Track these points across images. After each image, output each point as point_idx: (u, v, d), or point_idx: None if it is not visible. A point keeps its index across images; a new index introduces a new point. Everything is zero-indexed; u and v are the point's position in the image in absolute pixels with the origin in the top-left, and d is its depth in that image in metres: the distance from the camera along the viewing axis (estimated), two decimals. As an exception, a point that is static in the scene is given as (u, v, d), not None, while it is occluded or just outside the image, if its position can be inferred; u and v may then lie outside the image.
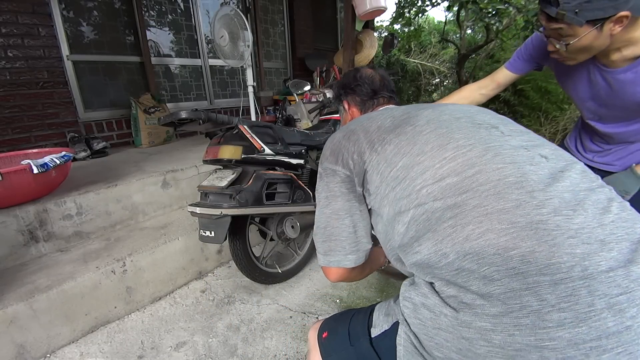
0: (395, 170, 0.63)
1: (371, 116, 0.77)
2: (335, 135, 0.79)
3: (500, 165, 0.54)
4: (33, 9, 2.37)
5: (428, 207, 0.56)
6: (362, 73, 0.97)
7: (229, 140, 1.47)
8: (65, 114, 2.62)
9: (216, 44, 2.53)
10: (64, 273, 1.45)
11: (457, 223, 0.52)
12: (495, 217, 0.49)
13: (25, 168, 1.48)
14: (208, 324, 1.52)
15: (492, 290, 0.46)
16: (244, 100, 3.24)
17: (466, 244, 0.50)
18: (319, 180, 0.78)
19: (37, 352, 1.33)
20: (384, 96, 0.94)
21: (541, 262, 0.45)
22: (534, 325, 0.43)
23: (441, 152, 0.59)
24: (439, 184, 0.56)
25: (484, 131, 0.62)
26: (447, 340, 0.50)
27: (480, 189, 0.52)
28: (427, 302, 0.53)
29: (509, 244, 0.47)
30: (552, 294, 0.43)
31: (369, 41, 4.01)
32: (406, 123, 0.68)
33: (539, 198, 0.49)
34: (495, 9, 4.94)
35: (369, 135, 0.70)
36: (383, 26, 9.33)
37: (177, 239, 1.76)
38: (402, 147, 0.64)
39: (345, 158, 0.72)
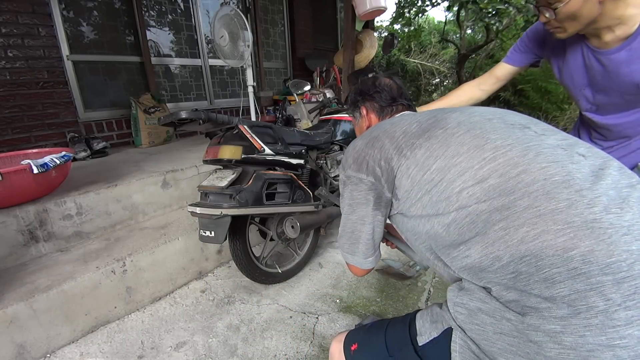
0: (429, 173, 0.62)
1: (393, 122, 0.77)
2: (356, 142, 0.79)
3: (545, 164, 0.54)
4: (33, 9, 2.37)
5: (472, 210, 0.55)
6: (381, 81, 0.99)
7: (229, 140, 1.47)
8: (65, 114, 2.62)
9: (216, 44, 2.53)
10: (64, 273, 1.45)
11: (508, 225, 0.51)
12: (549, 218, 0.49)
13: (25, 168, 1.48)
14: (208, 324, 1.52)
15: (555, 292, 0.46)
16: (244, 100, 3.24)
17: (522, 247, 0.49)
18: (342, 187, 0.80)
19: (37, 352, 1.33)
20: (402, 104, 0.95)
21: (602, 261, 0.45)
22: (603, 324, 0.43)
23: (479, 153, 0.59)
24: (480, 185, 0.56)
25: (518, 131, 0.62)
26: (512, 345, 0.49)
27: (528, 190, 0.52)
28: (485, 307, 0.53)
29: (567, 244, 0.46)
30: (616, 293, 0.43)
31: (369, 41, 4.01)
32: (435, 127, 0.68)
33: (589, 197, 0.49)
34: (495, 9, 4.94)
35: (395, 141, 0.70)
36: (383, 26, 9.33)
37: (177, 239, 1.76)
38: (435, 150, 0.63)
39: (371, 166, 0.72)
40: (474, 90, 1.27)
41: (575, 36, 0.95)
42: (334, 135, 2.01)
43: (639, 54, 0.84)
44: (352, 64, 3.34)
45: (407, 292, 1.70)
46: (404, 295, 1.67)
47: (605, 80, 0.93)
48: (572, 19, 0.85)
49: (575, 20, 0.85)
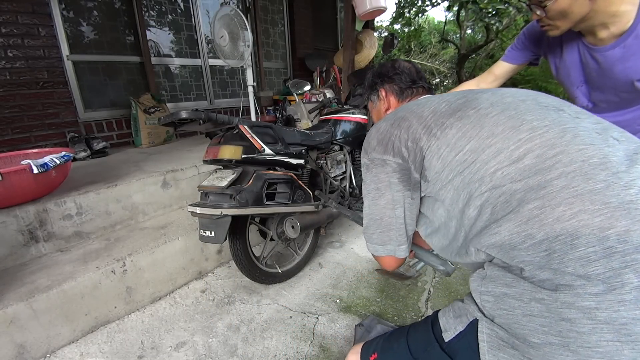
0: (462, 154, 0.61)
1: (419, 103, 0.75)
2: (379, 124, 0.77)
3: (582, 146, 0.54)
4: (33, 9, 2.37)
5: (506, 189, 0.55)
6: (400, 64, 0.97)
7: (229, 140, 1.47)
8: (65, 114, 2.62)
9: (216, 44, 2.53)
10: (64, 273, 1.45)
11: (545, 204, 0.51)
12: (587, 198, 0.49)
13: (25, 168, 1.48)
14: (208, 324, 1.52)
15: (590, 270, 0.47)
16: (244, 100, 3.24)
17: (557, 225, 0.49)
18: (365, 172, 0.77)
19: (37, 352, 1.33)
20: (423, 86, 0.94)
21: (637, 241, 0.46)
22: (638, 299, 0.44)
23: (515, 134, 0.58)
24: (515, 165, 0.56)
25: (553, 113, 0.61)
26: (544, 325, 0.50)
27: (565, 170, 0.52)
28: (512, 292, 0.53)
29: (604, 224, 0.47)
30: None
31: (369, 41, 4.01)
32: (466, 107, 0.66)
33: (625, 179, 0.50)
34: (495, 9, 4.95)
35: (423, 120, 0.69)
36: (383, 26, 9.33)
37: (177, 239, 1.76)
38: (468, 130, 0.62)
39: (397, 146, 0.70)
40: (470, 87, 1.28)
41: (571, 33, 0.95)
42: (334, 135, 2.01)
43: (633, 50, 0.84)
44: (352, 64, 3.34)
45: (407, 292, 1.70)
46: (404, 295, 1.67)
47: (600, 77, 0.94)
48: (563, 16, 0.85)
49: (565, 17, 0.85)
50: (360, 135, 2.10)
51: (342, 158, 2.10)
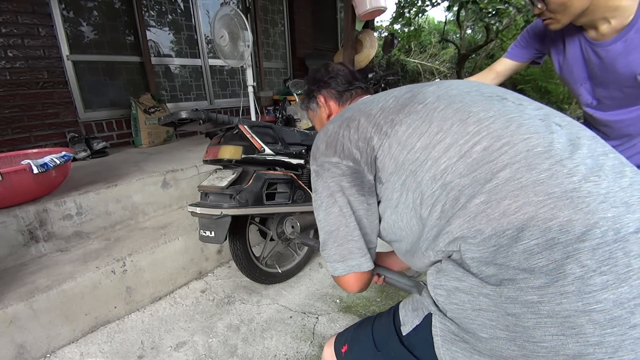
0: (413, 152, 0.60)
1: (366, 101, 0.73)
2: (327, 127, 0.73)
3: (527, 135, 0.54)
4: (33, 9, 2.37)
5: (455, 185, 0.54)
6: (333, 67, 0.95)
7: (229, 140, 1.47)
8: (65, 114, 2.62)
9: (216, 44, 2.53)
10: (64, 273, 1.45)
11: (490, 199, 0.50)
12: (530, 190, 0.49)
13: (25, 168, 1.48)
14: (208, 324, 1.52)
15: (534, 263, 0.46)
16: (244, 100, 3.24)
17: (503, 220, 0.49)
18: (315, 179, 0.71)
19: (37, 352, 1.33)
20: (360, 87, 0.92)
21: (578, 230, 0.46)
22: (580, 291, 0.44)
23: (463, 127, 0.57)
24: (464, 159, 0.55)
25: (497, 103, 0.61)
26: (491, 320, 0.50)
27: (511, 162, 0.52)
28: (462, 286, 0.52)
29: (547, 215, 0.47)
30: (591, 259, 0.44)
31: (369, 41, 4.01)
32: (413, 101, 0.64)
33: (568, 166, 0.50)
34: (495, 9, 4.95)
35: (372, 118, 0.66)
36: (383, 26, 9.33)
37: (177, 239, 1.76)
38: (417, 126, 0.61)
39: (347, 148, 0.66)
40: None
41: (573, 30, 0.95)
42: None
43: (635, 44, 0.84)
44: (352, 64, 3.34)
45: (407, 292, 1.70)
46: (404, 295, 1.67)
47: (603, 72, 0.93)
48: (563, 9, 0.85)
49: (566, 10, 0.85)
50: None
51: None
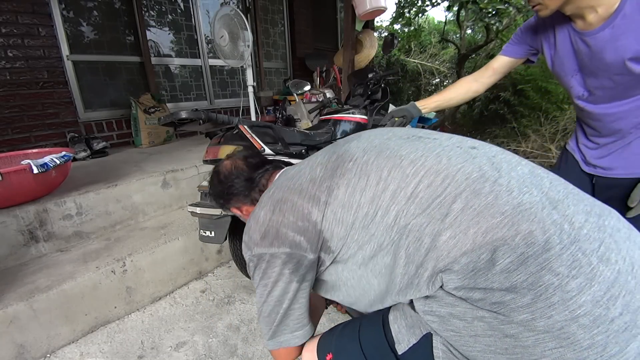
0: (360, 209, 0.59)
1: (291, 177, 0.70)
2: (257, 213, 0.69)
3: (459, 165, 0.56)
4: (33, 9, 2.37)
5: (412, 226, 0.55)
6: (221, 174, 0.86)
7: (229, 140, 1.47)
8: (65, 114, 2.62)
9: (216, 44, 2.53)
10: (64, 273, 1.45)
11: (456, 233, 0.51)
12: (487, 213, 0.51)
13: (25, 168, 1.48)
14: (208, 324, 1.52)
15: (514, 281, 0.48)
16: (244, 100, 3.23)
17: (475, 248, 0.50)
18: (252, 268, 0.68)
19: (37, 352, 1.33)
20: (265, 172, 0.85)
21: (540, 240, 0.47)
22: (562, 299, 0.46)
23: (400, 172, 0.58)
24: (412, 200, 0.55)
25: (418, 142, 0.63)
26: (490, 345, 0.50)
27: (457, 192, 0.53)
28: (456, 311, 0.52)
29: (510, 233, 0.49)
30: (561, 265, 0.46)
31: (369, 41, 4.01)
32: (342, 162, 0.64)
33: (504, 184, 0.53)
34: (495, 9, 4.94)
35: (305, 193, 0.64)
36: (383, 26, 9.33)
37: (177, 239, 1.76)
38: (356, 184, 0.60)
39: (283, 233, 0.63)
40: (470, 83, 1.29)
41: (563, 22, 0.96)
42: (334, 135, 2.00)
43: (622, 30, 0.85)
44: (352, 64, 3.34)
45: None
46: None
47: (592, 61, 0.94)
48: None
49: None
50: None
51: None
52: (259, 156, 0.88)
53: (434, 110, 1.37)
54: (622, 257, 0.48)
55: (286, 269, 0.65)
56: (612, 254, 0.48)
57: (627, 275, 0.47)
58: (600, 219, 0.51)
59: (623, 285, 0.46)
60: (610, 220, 0.52)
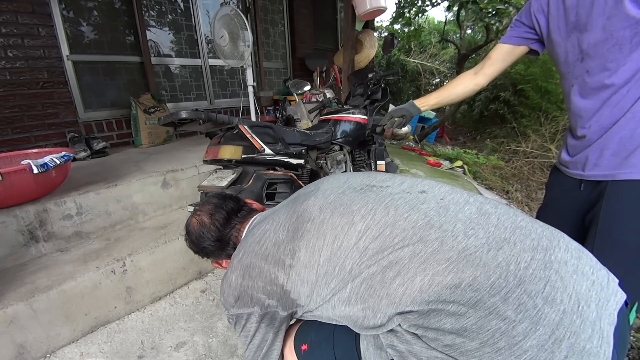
0: (320, 267, 0.63)
1: (257, 239, 0.73)
2: (229, 278, 0.74)
3: (406, 214, 0.60)
4: (33, 9, 2.37)
5: (364, 276, 0.58)
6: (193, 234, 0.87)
7: (229, 140, 1.47)
8: (65, 114, 2.62)
9: (216, 44, 2.53)
10: (64, 273, 1.45)
11: (405, 280, 0.54)
12: (432, 260, 0.53)
13: (25, 168, 1.48)
14: (208, 324, 1.52)
15: (464, 324, 0.49)
16: (244, 100, 3.23)
17: (424, 294, 0.52)
18: (232, 324, 0.76)
19: (37, 352, 1.33)
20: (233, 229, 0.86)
21: (485, 285, 0.49)
22: (509, 344, 0.46)
23: (353, 228, 0.62)
24: (365, 253, 0.59)
25: (370, 193, 0.67)
26: None
27: (404, 241, 0.56)
28: (413, 349, 0.54)
29: (455, 280, 0.50)
30: (508, 309, 0.47)
31: (369, 41, 4.01)
32: (302, 222, 0.68)
33: (449, 229, 0.55)
34: (495, 9, 4.94)
35: (270, 258, 0.68)
36: (383, 26, 9.33)
37: (177, 239, 1.76)
38: (314, 244, 0.64)
39: (255, 297, 0.69)
40: (469, 77, 1.25)
41: None
42: (334, 135, 2.01)
43: None
44: (352, 64, 3.34)
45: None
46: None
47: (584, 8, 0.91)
48: None
49: None
50: (360, 134, 2.10)
51: (342, 158, 2.10)
52: (224, 207, 0.87)
53: (433, 107, 1.35)
54: (567, 294, 0.48)
55: (262, 324, 0.72)
56: (557, 294, 0.48)
57: (572, 315, 0.47)
58: (546, 254, 0.52)
59: (568, 327, 0.46)
60: (558, 253, 0.53)
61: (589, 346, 0.46)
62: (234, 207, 0.89)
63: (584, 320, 0.47)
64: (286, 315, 0.71)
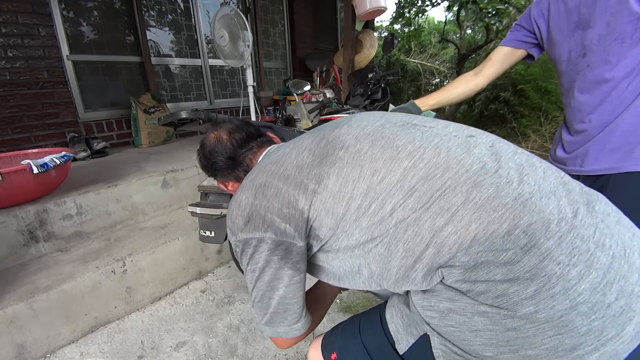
0: (352, 200, 0.57)
1: (276, 161, 0.66)
2: (239, 198, 0.65)
3: (459, 157, 0.55)
4: (33, 9, 2.37)
5: (410, 221, 0.53)
6: (206, 148, 0.84)
7: (229, 140, 1.47)
8: (65, 114, 2.62)
9: (216, 44, 2.53)
10: (64, 273, 1.45)
11: (457, 228, 0.50)
12: (489, 207, 0.50)
13: (25, 168, 1.48)
14: (208, 324, 1.52)
15: (517, 273, 0.48)
16: (244, 100, 3.24)
17: (475, 245, 0.49)
18: (239, 254, 0.66)
19: (37, 352, 1.33)
20: (248, 151, 0.80)
21: (541, 230, 0.48)
22: (564, 289, 0.46)
23: (397, 164, 0.56)
24: (410, 194, 0.54)
25: (414, 130, 0.61)
26: (490, 339, 0.50)
27: (458, 185, 0.52)
28: (455, 307, 0.52)
29: (511, 227, 0.49)
30: (562, 254, 0.47)
31: (369, 41, 4.01)
32: (333, 148, 0.61)
33: (503, 175, 0.52)
34: (495, 9, 4.94)
35: (291, 180, 0.61)
36: (383, 26, 9.33)
37: (177, 239, 1.76)
38: (348, 174, 0.58)
39: (268, 219, 0.60)
40: (470, 77, 1.26)
41: None
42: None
43: None
44: (352, 64, 3.34)
45: (407, 292, 1.70)
46: (404, 295, 1.67)
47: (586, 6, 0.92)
48: None
49: None
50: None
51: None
52: (244, 130, 0.83)
53: (434, 107, 1.36)
54: (615, 241, 0.49)
55: (274, 256, 0.62)
56: (606, 239, 0.49)
57: (620, 259, 0.48)
58: (589, 205, 0.52)
59: (617, 270, 0.47)
60: (600, 205, 0.53)
61: (637, 289, 0.47)
62: (255, 133, 0.85)
63: (631, 265, 0.48)
64: (303, 246, 0.62)
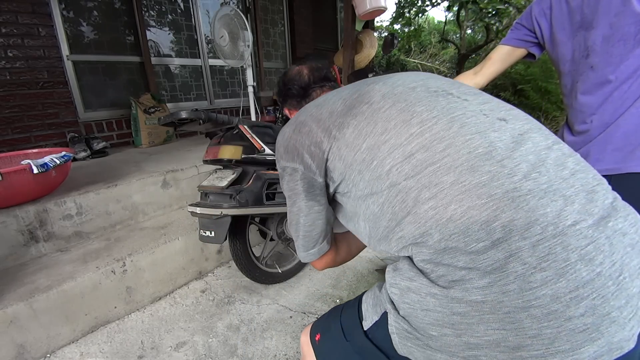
0: (360, 152, 0.61)
1: (318, 103, 0.74)
2: (284, 130, 0.76)
3: (469, 136, 0.54)
4: (33, 9, 2.37)
5: (401, 187, 0.55)
6: (287, 76, 0.97)
7: (229, 140, 1.47)
8: (65, 114, 2.62)
9: (216, 44, 2.53)
10: (64, 273, 1.45)
11: (438, 204, 0.51)
12: (474, 193, 0.50)
13: (25, 168, 1.48)
14: (208, 324, 1.52)
15: (479, 263, 0.48)
16: (244, 100, 3.24)
17: (450, 225, 0.50)
18: (280, 179, 0.78)
19: (37, 352, 1.33)
20: (319, 87, 0.93)
21: (520, 228, 0.47)
22: (521, 288, 0.45)
23: (406, 128, 0.58)
24: (408, 161, 0.56)
25: (442, 99, 0.61)
26: (438, 320, 0.51)
27: (454, 164, 0.52)
28: (413, 286, 0.54)
29: (490, 218, 0.48)
30: (532, 256, 0.46)
31: (369, 41, 4.00)
32: (360, 102, 0.66)
33: (509, 166, 0.51)
34: (495, 9, 4.95)
35: (322, 123, 0.68)
36: (383, 26, 9.33)
37: (177, 239, 1.76)
38: (363, 128, 0.62)
39: (300, 153, 0.70)
40: (469, 76, 1.26)
41: None
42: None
43: None
44: (352, 64, 3.34)
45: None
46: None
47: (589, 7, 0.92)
48: None
49: None
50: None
51: None
52: (323, 71, 0.96)
53: None
54: (612, 261, 0.46)
55: (300, 186, 0.72)
56: (599, 256, 0.46)
57: (607, 280, 0.45)
58: (603, 219, 0.48)
59: (598, 289, 0.45)
60: (617, 223, 0.49)
61: (616, 315, 0.44)
62: (331, 77, 0.98)
63: (621, 289, 0.45)
64: (322, 183, 0.70)
